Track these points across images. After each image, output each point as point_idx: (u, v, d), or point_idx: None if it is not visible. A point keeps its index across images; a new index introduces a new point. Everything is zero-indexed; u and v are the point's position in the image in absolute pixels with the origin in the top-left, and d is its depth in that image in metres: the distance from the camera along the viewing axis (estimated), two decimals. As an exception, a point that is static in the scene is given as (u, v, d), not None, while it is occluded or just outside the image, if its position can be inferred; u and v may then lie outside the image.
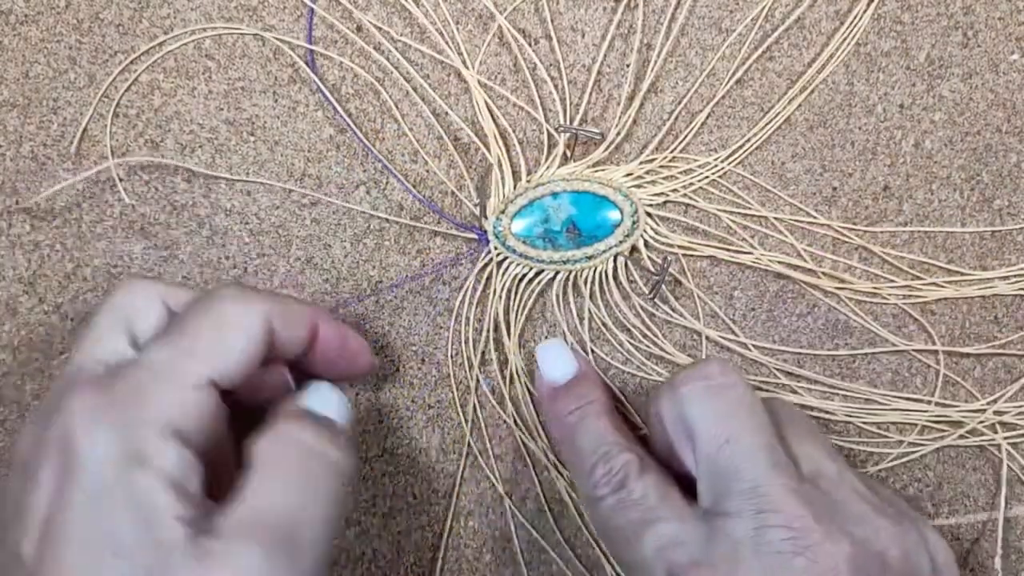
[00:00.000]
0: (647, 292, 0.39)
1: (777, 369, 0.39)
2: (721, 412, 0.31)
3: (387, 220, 0.39)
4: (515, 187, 0.39)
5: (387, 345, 0.39)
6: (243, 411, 0.31)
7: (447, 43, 0.39)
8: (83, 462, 0.25)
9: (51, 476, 0.26)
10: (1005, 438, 0.39)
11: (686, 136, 0.39)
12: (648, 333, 0.39)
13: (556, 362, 0.37)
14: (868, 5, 0.40)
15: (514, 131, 0.39)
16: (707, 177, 0.39)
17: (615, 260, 0.39)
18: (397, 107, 0.39)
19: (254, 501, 0.27)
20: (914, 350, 0.40)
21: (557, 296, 0.39)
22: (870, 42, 0.40)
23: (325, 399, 0.31)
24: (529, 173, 0.39)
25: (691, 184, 0.39)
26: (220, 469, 0.28)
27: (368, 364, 0.35)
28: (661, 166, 0.39)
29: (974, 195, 0.40)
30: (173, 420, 0.26)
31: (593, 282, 0.39)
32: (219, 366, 0.28)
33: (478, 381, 0.39)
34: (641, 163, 0.39)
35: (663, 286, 0.39)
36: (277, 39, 0.39)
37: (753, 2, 0.40)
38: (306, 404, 0.31)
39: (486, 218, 0.39)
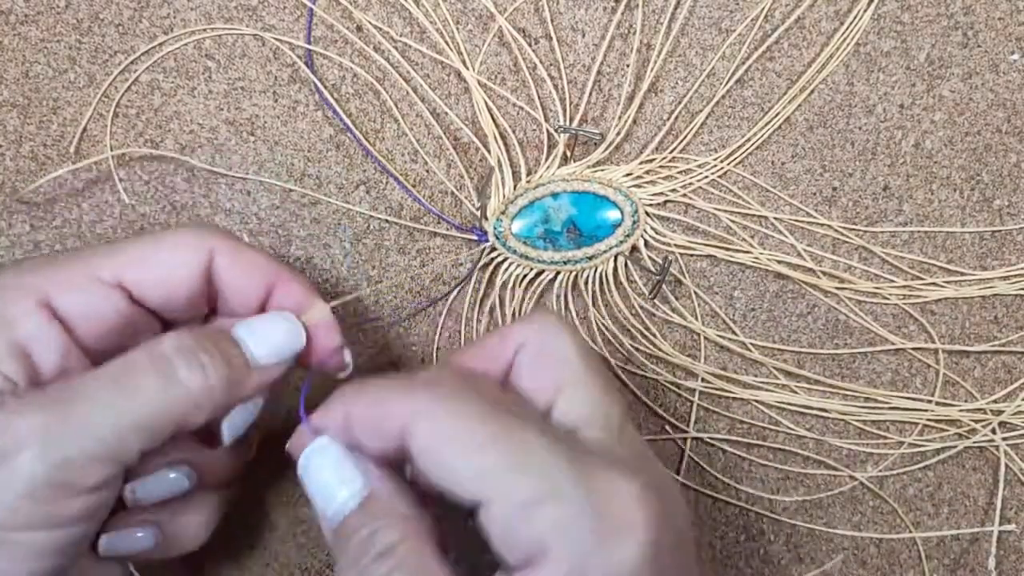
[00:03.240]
0: (647, 292, 0.39)
1: (777, 369, 0.39)
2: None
3: (387, 220, 0.39)
4: (515, 188, 0.39)
5: (387, 345, 0.39)
6: None
7: (447, 43, 0.39)
8: None
9: None
10: (1004, 439, 0.39)
11: (686, 136, 0.39)
12: (648, 333, 0.39)
13: (328, 483, 0.27)
14: (868, 5, 0.40)
15: (514, 131, 0.39)
16: (707, 177, 0.39)
17: (615, 260, 0.39)
18: (397, 107, 0.39)
19: (66, 385, 0.26)
20: (914, 349, 0.40)
21: (558, 296, 0.39)
22: (870, 42, 0.40)
23: (265, 328, 0.29)
24: (529, 173, 0.39)
25: (691, 184, 0.39)
26: None
27: (337, 364, 0.32)
28: (661, 166, 0.39)
29: (974, 195, 0.40)
30: (56, 297, 0.27)
31: (593, 282, 0.39)
32: (133, 269, 0.28)
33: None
34: (641, 163, 0.39)
35: (663, 286, 0.39)
36: (276, 39, 0.39)
37: (753, 2, 0.40)
38: (236, 330, 0.29)
39: (486, 219, 0.39)
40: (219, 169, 0.39)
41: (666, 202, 0.40)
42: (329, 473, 0.27)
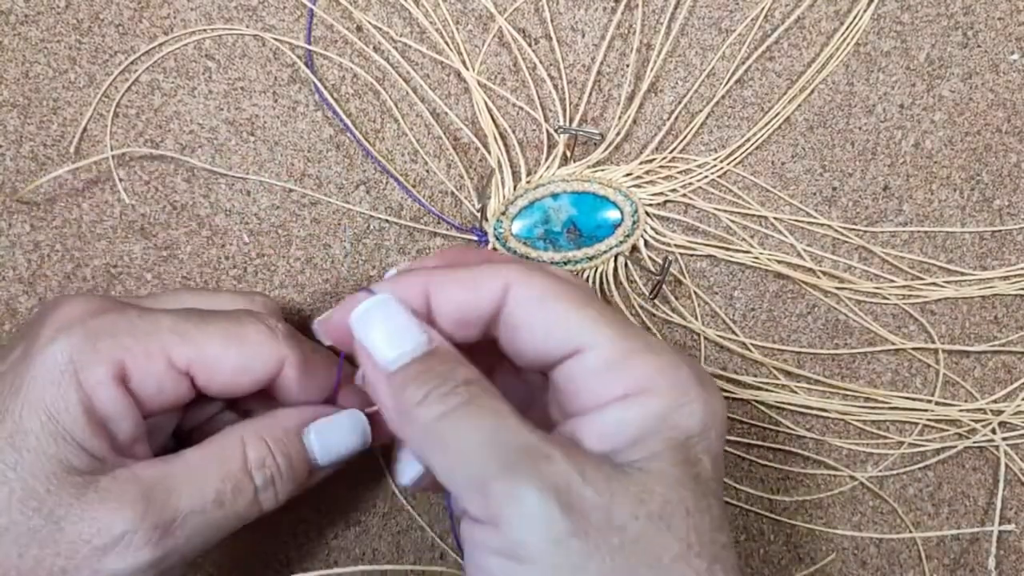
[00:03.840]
0: (647, 292, 0.39)
1: (777, 369, 0.39)
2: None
3: (387, 220, 0.39)
4: (515, 188, 0.39)
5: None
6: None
7: (447, 43, 0.39)
8: (35, 356, 0.26)
9: (9, 353, 0.27)
10: (1004, 438, 0.39)
11: (686, 136, 0.39)
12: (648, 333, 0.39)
13: (391, 332, 0.26)
14: (868, 5, 0.40)
15: (514, 131, 0.39)
16: (707, 177, 0.39)
17: (615, 260, 0.39)
18: (397, 107, 0.39)
19: (166, 472, 0.27)
20: (914, 349, 0.40)
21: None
22: (870, 42, 0.40)
23: (335, 432, 0.30)
24: (529, 174, 0.39)
25: (691, 184, 0.39)
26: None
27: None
28: (661, 166, 0.39)
29: (974, 195, 0.40)
30: (130, 372, 0.27)
31: (594, 283, 0.39)
32: (205, 364, 0.28)
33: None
34: (641, 163, 0.39)
35: (663, 286, 0.39)
36: (276, 39, 0.39)
37: (753, 2, 0.40)
38: (307, 435, 0.30)
39: (486, 219, 0.39)
40: (219, 169, 0.39)
41: (666, 202, 0.40)
42: (392, 324, 0.26)
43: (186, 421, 0.32)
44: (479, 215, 0.39)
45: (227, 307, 0.31)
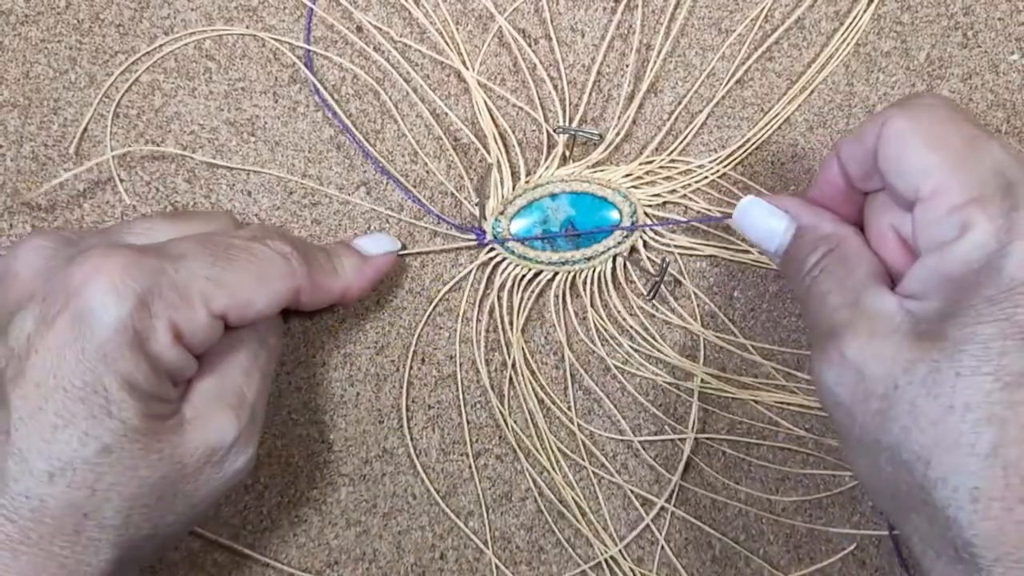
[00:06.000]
0: (646, 293, 0.39)
1: (777, 369, 0.39)
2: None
3: (387, 220, 0.39)
4: (514, 188, 0.39)
5: (387, 345, 0.39)
6: None
7: (447, 43, 0.39)
8: (96, 326, 0.27)
9: (54, 317, 0.27)
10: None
11: (686, 136, 0.39)
12: (646, 335, 0.39)
13: (760, 229, 0.33)
14: (868, 5, 0.40)
15: (513, 131, 0.39)
16: (707, 178, 0.39)
17: (614, 261, 0.39)
18: (397, 108, 0.39)
19: (219, 378, 0.31)
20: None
21: (556, 297, 0.39)
22: (870, 42, 0.40)
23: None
24: (528, 174, 0.39)
25: (691, 185, 0.39)
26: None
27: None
28: (660, 167, 0.39)
29: (974, 195, 0.40)
30: (182, 329, 0.29)
31: (592, 283, 0.39)
32: (239, 308, 0.30)
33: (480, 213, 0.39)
34: (640, 164, 0.39)
35: (662, 287, 0.39)
36: (275, 39, 0.39)
37: (753, 2, 0.40)
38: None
39: (485, 219, 0.39)
40: (220, 162, 0.39)
41: (665, 203, 0.40)
42: (763, 219, 0.33)
43: None
44: (478, 212, 0.39)
45: (204, 230, 0.33)
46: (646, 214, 0.39)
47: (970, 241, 0.25)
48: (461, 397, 0.39)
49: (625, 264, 0.39)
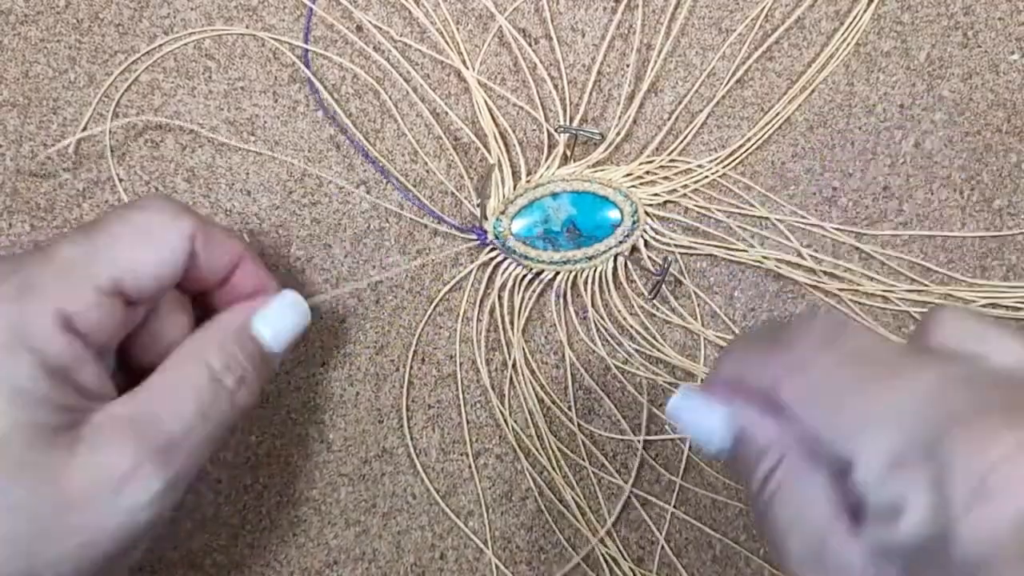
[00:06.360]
0: (647, 292, 0.39)
1: (777, 369, 0.39)
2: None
3: (387, 220, 0.39)
4: (515, 187, 0.39)
5: (387, 345, 0.39)
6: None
7: (447, 43, 0.39)
8: None
9: None
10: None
11: (686, 136, 0.39)
12: (648, 334, 0.39)
13: (698, 429, 0.28)
14: (868, 5, 0.40)
15: (514, 131, 0.39)
16: (707, 177, 0.39)
17: (615, 260, 0.39)
18: (397, 107, 0.39)
19: (142, 404, 0.27)
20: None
21: (557, 296, 0.39)
22: (870, 42, 0.40)
23: (278, 317, 0.31)
24: (529, 173, 0.39)
25: (691, 185, 0.39)
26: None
27: None
28: (661, 166, 0.39)
29: (974, 195, 0.40)
30: (68, 312, 0.26)
31: (593, 282, 0.39)
32: (130, 273, 0.27)
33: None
34: (641, 164, 0.39)
35: (663, 286, 0.39)
36: (275, 39, 0.39)
37: (753, 2, 0.40)
38: (254, 326, 0.31)
39: (486, 219, 0.39)
40: (230, 140, 0.39)
41: (666, 202, 0.40)
42: (698, 421, 0.28)
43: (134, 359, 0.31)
44: (479, 212, 0.39)
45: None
46: (647, 213, 0.39)
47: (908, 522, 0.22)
48: (461, 397, 0.39)
49: (626, 264, 0.39)
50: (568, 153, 0.39)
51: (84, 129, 0.39)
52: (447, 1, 0.39)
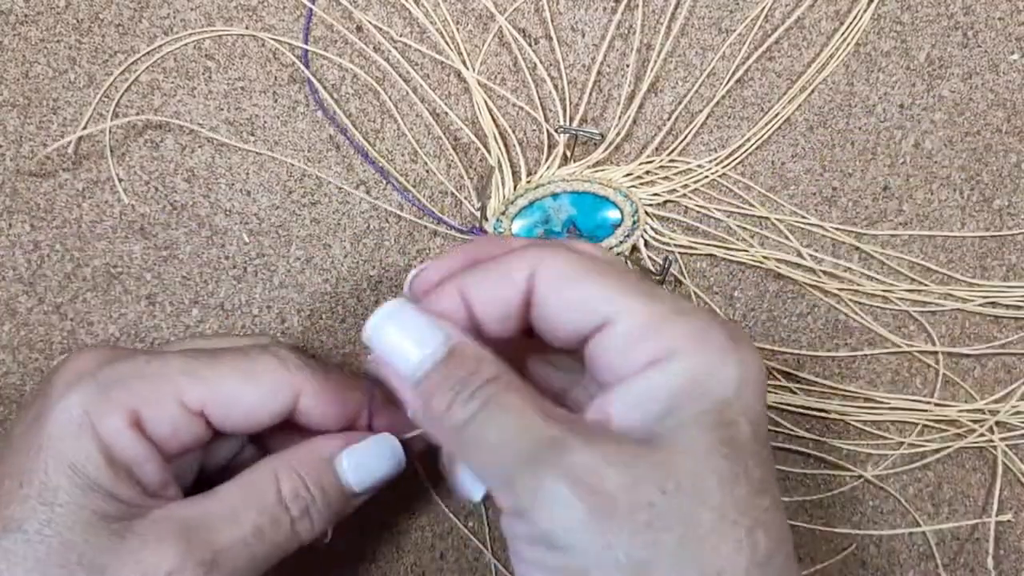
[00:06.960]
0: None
1: (777, 370, 0.39)
2: None
3: (387, 220, 0.39)
4: (515, 188, 0.39)
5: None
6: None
7: (447, 43, 0.39)
8: (50, 412, 0.27)
9: (25, 414, 0.28)
10: (1002, 439, 0.39)
11: (686, 136, 0.39)
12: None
13: (408, 339, 0.26)
14: (868, 5, 0.40)
15: (514, 131, 0.39)
16: (707, 178, 0.39)
17: (615, 260, 0.39)
18: (397, 107, 0.39)
19: (201, 509, 0.28)
20: (914, 350, 0.40)
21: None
22: (870, 42, 0.40)
23: (368, 458, 0.30)
24: (529, 174, 0.39)
25: (691, 185, 0.39)
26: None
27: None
28: (661, 166, 0.39)
29: (974, 195, 0.40)
30: (143, 416, 0.27)
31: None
32: (220, 403, 0.28)
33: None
34: (641, 164, 0.39)
35: (663, 286, 0.39)
36: (274, 39, 0.39)
37: (753, 2, 0.40)
38: (339, 462, 0.30)
39: (486, 219, 0.39)
40: (231, 141, 0.39)
41: (666, 202, 0.40)
42: (408, 331, 0.26)
43: (209, 460, 0.32)
44: (479, 214, 0.39)
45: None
46: (647, 213, 0.39)
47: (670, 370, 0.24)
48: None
49: (627, 263, 0.39)
50: (568, 153, 0.39)
51: (84, 129, 0.39)
52: (447, 1, 0.39)
